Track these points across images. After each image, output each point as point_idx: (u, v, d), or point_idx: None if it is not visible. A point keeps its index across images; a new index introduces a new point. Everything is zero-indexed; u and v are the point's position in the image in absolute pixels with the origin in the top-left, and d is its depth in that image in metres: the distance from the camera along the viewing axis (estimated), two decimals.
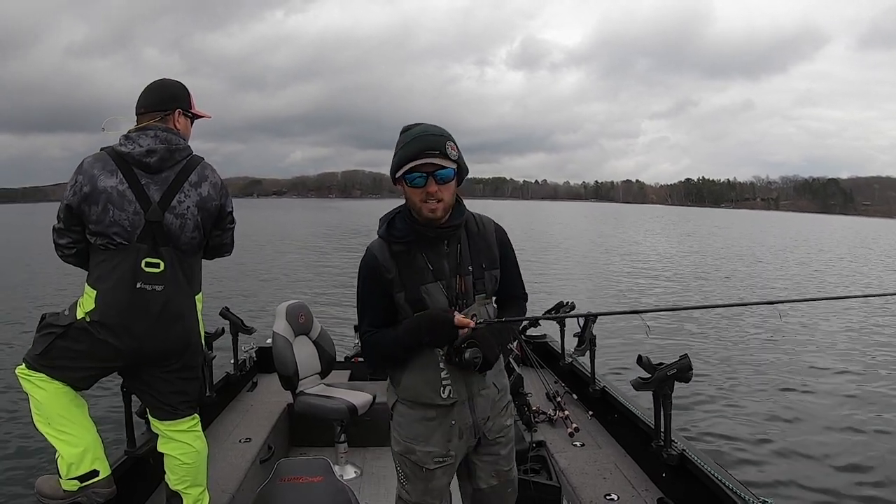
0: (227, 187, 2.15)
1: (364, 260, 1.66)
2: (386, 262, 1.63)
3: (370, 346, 1.68)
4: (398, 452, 1.75)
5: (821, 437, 5.40)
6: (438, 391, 1.67)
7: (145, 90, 2.07)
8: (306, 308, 3.40)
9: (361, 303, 1.68)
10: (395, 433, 1.75)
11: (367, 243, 1.70)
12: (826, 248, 31.16)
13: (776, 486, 4.47)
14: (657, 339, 8.90)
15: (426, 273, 1.64)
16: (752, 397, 6.48)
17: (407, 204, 1.63)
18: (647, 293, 13.38)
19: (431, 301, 1.63)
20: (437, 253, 1.65)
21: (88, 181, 1.91)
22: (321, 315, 8.14)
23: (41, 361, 1.95)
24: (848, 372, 7.57)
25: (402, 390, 1.71)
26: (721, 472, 2.15)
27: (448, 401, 1.68)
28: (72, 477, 1.95)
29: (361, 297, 1.67)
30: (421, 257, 1.64)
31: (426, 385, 1.67)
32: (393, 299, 1.63)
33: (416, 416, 1.70)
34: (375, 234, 1.68)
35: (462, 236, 1.69)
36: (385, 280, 1.63)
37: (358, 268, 1.67)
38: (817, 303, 12.76)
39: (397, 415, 1.74)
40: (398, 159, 1.56)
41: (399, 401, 1.73)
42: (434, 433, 1.69)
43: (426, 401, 1.68)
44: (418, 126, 1.58)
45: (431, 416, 1.69)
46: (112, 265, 1.92)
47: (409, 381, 1.69)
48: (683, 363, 2.26)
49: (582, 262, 19.95)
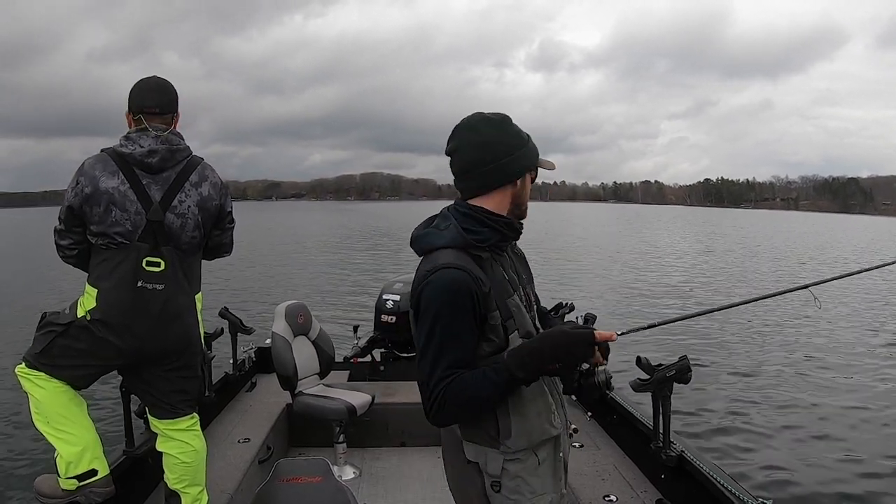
0: (227, 187, 2.15)
1: (448, 275, 1.27)
2: (479, 274, 1.31)
3: (453, 395, 1.25)
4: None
5: (820, 438, 5.41)
6: (551, 420, 1.40)
7: (148, 91, 2.02)
8: (305, 308, 3.40)
9: (443, 336, 1.26)
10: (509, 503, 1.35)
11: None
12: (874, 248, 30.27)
13: (776, 486, 4.48)
14: (657, 340, 8.90)
15: (506, 285, 1.38)
16: (751, 398, 6.49)
17: (519, 201, 1.39)
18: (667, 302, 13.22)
19: (519, 318, 1.38)
20: (504, 261, 1.43)
21: (90, 182, 1.91)
22: (321, 316, 8.15)
23: (41, 360, 1.96)
24: (848, 372, 7.58)
25: (514, 441, 1.34)
26: (720, 474, 2.14)
27: (559, 428, 1.42)
28: (70, 476, 1.95)
29: (445, 328, 1.26)
30: (498, 267, 1.39)
31: (539, 418, 1.37)
32: (484, 325, 1.31)
33: (531, 467, 1.37)
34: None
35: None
36: (481, 297, 1.29)
37: (434, 290, 1.28)
38: (818, 304, 12.73)
39: (509, 479, 1.34)
40: (533, 153, 1.39)
41: (507, 461, 1.34)
42: (547, 477, 1.39)
43: (543, 437, 1.38)
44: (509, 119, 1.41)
45: (544, 458, 1.39)
46: (113, 264, 1.92)
47: (520, 425, 1.34)
48: (682, 364, 2.26)
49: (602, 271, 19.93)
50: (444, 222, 1.38)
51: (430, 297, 1.28)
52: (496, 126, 1.37)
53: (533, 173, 1.42)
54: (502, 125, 1.37)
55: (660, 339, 9.09)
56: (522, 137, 1.39)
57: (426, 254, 1.37)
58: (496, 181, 1.36)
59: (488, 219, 1.36)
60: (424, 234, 1.39)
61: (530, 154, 1.39)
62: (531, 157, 1.39)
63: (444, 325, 1.27)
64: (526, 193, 1.41)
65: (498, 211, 1.38)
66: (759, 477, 4.64)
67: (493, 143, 1.35)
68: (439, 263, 1.30)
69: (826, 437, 5.43)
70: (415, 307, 1.33)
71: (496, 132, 1.36)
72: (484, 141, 1.35)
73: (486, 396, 1.27)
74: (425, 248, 1.37)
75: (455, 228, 1.34)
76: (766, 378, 7.27)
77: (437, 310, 1.27)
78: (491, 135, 1.35)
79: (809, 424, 5.75)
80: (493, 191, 1.37)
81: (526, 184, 1.41)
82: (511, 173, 1.37)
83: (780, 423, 5.79)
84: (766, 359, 8.18)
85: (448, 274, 1.28)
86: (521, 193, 1.40)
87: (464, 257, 1.32)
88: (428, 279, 1.29)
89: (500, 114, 1.39)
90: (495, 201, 1.38)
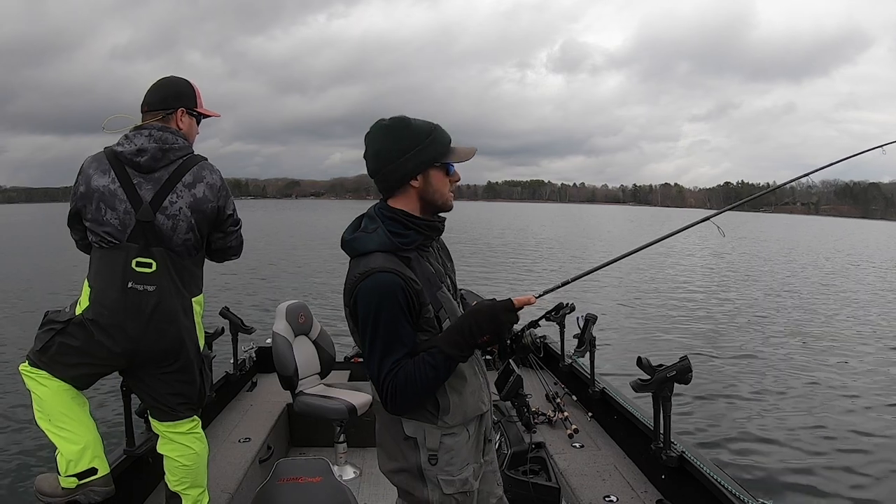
0: (227, 189, 2.10)
1: (380, 279, 1.36)
2: (409, 275, 1.40)
3: (401, 385, 1.36)
4: (451, 494, 1.47)
5: (821, 439, 5.41)
6: (482, 398, 1.53)
7: (151, 88, 2.05)
8: (306, 308, 3.40)
9: (385, 335, 1.37)
10: (445, 475, 1.46)
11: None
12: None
13: (776, 487, 4.48)
14: (657, 340, 8.91)
15: (434, 279, 1.48)
16: (751, 399, 6.48)
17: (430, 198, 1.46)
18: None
19: (449, 307, 1.48)
20: (430, 254, 1.52)
21: (84, 181, 1.92)
22: (324, 312, 8.15)
23: (41, 358, 1.96)
24: (849, 372, 7.58)
25: (451, 417, 1.46)
26: (720, 474, 2.14)
27: (487, 405, 1.55)
28: (70, 474, 1.95)
29: (388, 328, 1.36)
30: (426, 263, 1.48)
31: (473, 396, 1.50)
32: (419, 318, 1.41)
33: (463, 440, 1.49)
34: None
35: None
36: (413, 295, 1.38)
37: (368, 293, 1.37)
38: (819, 305, 12.75)
39: (445, 451, 1.47)
40: (440, 148, 1.45)
41: (444, 435, 1.47)
42: (473, 449, 1.53)
43: (475, 413, 1.51)
44: (412, 119, 1.47)
45: (472, 432, 1.52)
46: (104, 264, 1.92)
47: (457, 402, 1.47)
48: (683, 365, 2.26)
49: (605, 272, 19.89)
50: (371, 224, 1.46)
51: (366, 300, 1.37)
52: (386, 133, 1.45)
53: (434, 170, 1.46)
54: (392, 131, 1.44)
55: (660, 338, 9.10)
56: (414, 139, 1.43)
57: (357, 256, 1.43)
58: (393, 184, 1.46)
59: (410, 222, 1.44)
60: (354, 237, 1.46)
61: (422, 154, 1.43)
62: (422, 157, 1.43)
63: (384, 326, 1.36)
64: (435, 190, 1.46)
65: (413, 211, 1.46)
66: (760, 477, 4.63)
67: (382, 150, 1.44)
68: (371, 267, 1.38)
69: (827, 438, 5.43)
70: (352, 309, 1.42)
71: (386, 139, 1.44)
72: (376, 149, 1.45)
73: (429, 380, 1.37)
74: (357, 251, 1.44)
75: (383, 232, 1.42)
76: (766, 378, 7.27)
77: (376, 312, 1.36)
78: (382, 142, 1.44)
79: (810, 425, 5.75)
80: (397, 193, 1.47)
81: (430, 181, 1.46)
82: (402, 175, 1.44)
83: (781, 423, 5.78)
84: (766, 359, 8.17)
85: (380, 278, 1.36)
86: (426, 191, 1.46)
87: (393, 259, 1.40)
88: (361, 283, 1.38)
89: (397, 117, 1.47)
90: (405, 202, 1.46)
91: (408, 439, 1.48)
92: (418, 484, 1.48)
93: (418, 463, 1.47)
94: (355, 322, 1.43)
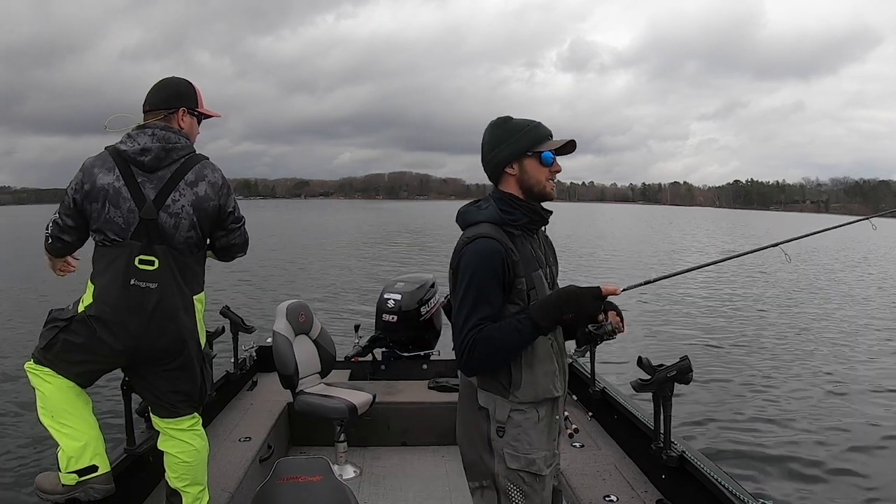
0: (228, 187, 2.11)
1: (485, 243, 1.52)
2: (510, 245, 1.54)
3: (482, 342, 1.47)
4: (515, 469, 1.55)
5: (821, 439, 5.41)
6: (555, 382, 1.61)
7: (152, 88, 2.07)
8: (307, 307, 3.40)
9: (477, 292, 1.49)
10: (510, 449, 1.55)
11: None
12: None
13: (776, 487, 4.48)
14: (657, 340, 8.90)
15: (533, 261, 1.61)
16: (752, 399, 6.48)
17: (526, 184, 1.61)
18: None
19: (541, 290, 1.59)
20: (534, 241, 1.66)
21: (88, 179, 1.92)
22: (322, 315, 8.15)
23: (45, 355, 1.97)
24: (849, 372, 7.57)
25: (522, 393, 1.55)
26: (720, 474, 2.14)
27: (560, 392, 1.62)
28: (71, 470, 1.95)
29: (478, 286, 1.49)
30: (528, 245, 1.62)
31: (545, 377, 1.59)
32: (511, 289, 1.54)
33: (531, 421, 1.57)
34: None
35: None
36: (511, 264, 1.52)
37: (470, 255, 1.52)
38: (821, 303, 12.74)
39: (513, 426, 1.56)
40: (532, 139, 1.60)
41: (514, 410, 1.56)
42: (543, 434, 1.60)
43: (546, 395, 1.59)
44: (516, 118, 1.65)
45: (542, 416, 1.59)
46: (107, 261, 1.93)
47: (529, 379, 1.56)
48: (683, 365, 2.26)
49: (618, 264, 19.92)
50: (484, 203, 1.65)
51: (468, 260, 1.53)
52: (489, 128, 1.65)
53: (528, 159, 1.61)
54: (493, 127, 1.65)
55: (660, 337, 9.09)
56: (510, 132, 1.62)
57: (468, 226, 1.62)
58: (493, 171, 1.65)
59: (515, 203, 1.61)
60: (467, 211, 1.66)
61: (514, 145, 1.61)
62: (514, 147, 1.61)
63: (478, 285, 1.50)
64: (531, 177, 1.61)
65: (517, 195, 1.62)
66: (760, 477, 4.63)
67: (484, 143, 1.66)
68: (477, 233, 1.56)
69: (828, 438, 5.42)
70: (454, 268, 1.58)
71: (488, 133, 1.65)
72: (483, 142, 1.66)
73: (509, 342, 1.49)
74: (468, 221, 1.63)
75: (493, 208, 1.61)
76: (767, 378, 7.26)
77: (473, 271, 1.51)
78: (485, 136, 1.66)
79: (811, 425, 5.75)
80: (500, 179, 1.65)
81: (525, 169, 1.62)
82: (498, 163, 1.63)
83: (782, 423, 5.78)
84: (767, 358, 8.17)
85: (484, 243, 1.53)
86: (522, 178, 1.62)
87: (499, 231, 1.57)
88: (467, 245, 1.55)
89: (501, 117, 1.67)
90: (508, 187, 1.63)
91: (481, 409, 1.59)
92: (486, 454, 1.58)
93: (488, 433, 1.58)
94: (455, 281, 1.57)
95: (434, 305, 4.17)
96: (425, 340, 4.20)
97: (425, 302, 4.12)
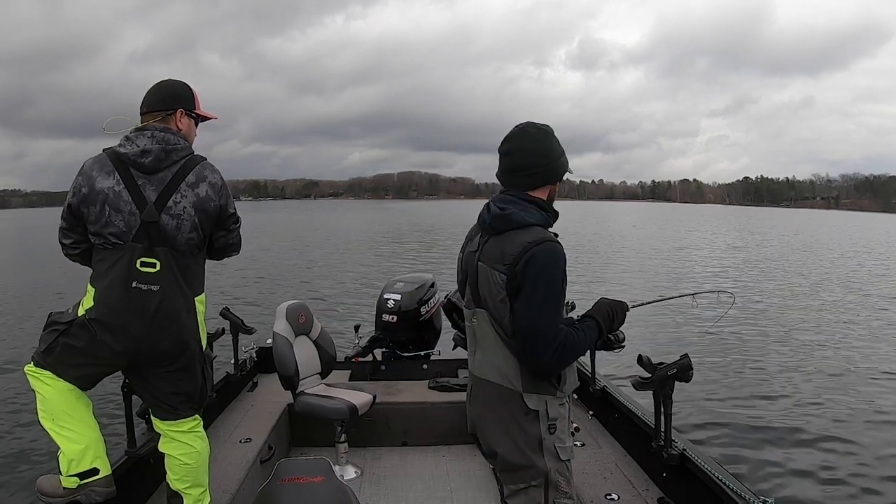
0: (227, 188, 2.12)
1: (558, 250, 1.59)
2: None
3: (571, 344, 1.58)
4: (564, 461, 1.66)
5: (823, 437, 5.41)
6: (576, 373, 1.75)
7: (149, 90, 2.07)
8: (307, 308, 3.40)
9: (556, 295, 1.58)
10: (560, 443, 1.64)
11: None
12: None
13: (777, 485, 4.48)
14: (658, 338, 8.90)
15: None
16: (752, 397, 6.49)
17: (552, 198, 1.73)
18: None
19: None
20: None
21: (87, 182, 1.92)
22: (322, 315, 8.14)
23: (46, 359, 1.96)
24: (850, 372, 7.57)
25: (567, 387, 1.68)
26: (721, 472, 2.14)
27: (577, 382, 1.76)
28: (72, 474, 1.95)
29: (560, 289, 1.59)
30: None
31: (572, 371, 1.71)
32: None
33: (566, 411, 1.70)
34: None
35: None
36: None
37: (548, 256, 1.57)
38: (820, 307, 12.74)
39: (561, 421, 1.66)
40: (566, 160, 1.73)
41: (560, 405, 1.67)
42: (568, 421, 1.73)
43: (574, 386, 1.73)
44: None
45: (569, 404, 1.73)
46: (108, 264, 1.93)
47: (571, 375, 1.70)
48: (684, 363, 2.26)
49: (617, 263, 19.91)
50: (523, 205, 1.66)
51: (543, 263, 1.56)
52: (548, 136, 1.70)
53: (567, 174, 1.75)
54: (551, 137, 1.70)
55: (661, 336, 9.09)
56: (562, 147, 1.71)
57: (517, 228, 1.62)
58: (545, 180, 1.70)
59: (545, 208, 1.69)
60: (511, 212, 1.64)
61: (566, 161, 1.73)
62: (567, 164, 1.73)
63: (558, 288, 1.57)
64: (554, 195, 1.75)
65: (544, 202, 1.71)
66: (761, 476, 4.63)
67: (546, 150, 1.68)
68: (546, 236, 1.60)
69: (828, 436, 5.42)
70: (517, 271, 1.57)
71: (548, 141, 1.69)
72: (539, 148, 1.68)
73: (586, 345, 1.64)
74: (517, 223, 1.62)
75: (538, 212, 1.66)
76: (768, 376, 7.27)
77: (552, 274, 1.56)
78: (544, 143, 1.69)
79: (811, 423, 5.75)
80: (540, 187, 1.70)
81: (556, 187, 1.75)
82: (557, 175, 1.71)
83: (782, 421, 5.78)
84: (767, 357, 8.17)
85: (555, 246, 1.59)
86: (554, 191, 1.74)
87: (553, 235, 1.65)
88: (535, 247, 1.57)
89: (547, 125, 1.71)
90: (541, 193, 1.70)
91: (528, 413, 1.62)
92: (535, 455, 1.63)
93: (539, 434, 1.62)
94: (515, 285, 1.57)
95: (434, 305, 4.17)
96: (425, 340, 4.20)
97: (425, 302, 4.12)
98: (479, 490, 3.00)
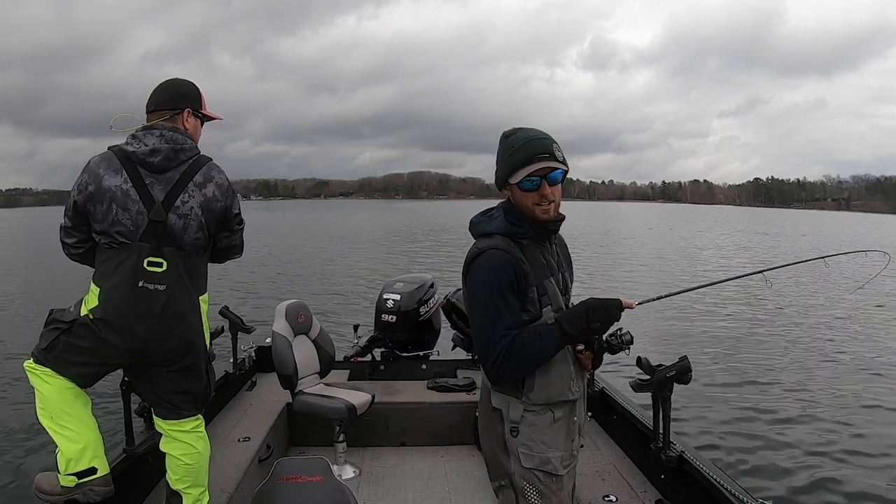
0: (233, 188, 2.12)
1: (495, 255, 1.56)
2: (520, 255, 1.58)
3: (517, 351, 1.52)
4: (531, 468, 1.60)
5: (822, 438, 5.40)
6: (570, 386, 1.64)
7: (156, 89, 2.07)
8: (306, 307, 3.40)
9: (498, 303, 1.54)
10: (525, 449, 1.60)
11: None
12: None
13: (776, 487, 4.48)
14: (657, 340, 8.90)
15: (545, 269, 1.64)
16: (751, 399, 6.48)
17: (518, 208, 1.62)
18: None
19: (553, 296, 1.63)
20: (546, 249, 1.68)
21: (94, 180, 1.91)
22: (321, 315, 8.13)
23: (46, 356, 1.96)
24: (850, 371, 7.57)
25: (535, 395, 1.60)
26: (720, 474, 2.15)
27: (576, 395, 1.66)
28: (70, 473, 1.95)
29: (498, 297, 1.54)
30: (538, 253, 1.64)
31: (560, 380, 1.62)
32: (523, 298, 1.57)
33: (546, 421, 1.62)
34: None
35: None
36: (523, 273, 1.56)
37: (483, 268, 1.56)
38: (821, 306, 12.75)
39: (526, 426, 1.61)
40: (510, 165, 1.57)
41: (527, 411, 1.61)
42: (560, 435, 1.64)
43: (560, 398, 1.62)
44: (520, 131, 1.61)
45: (559, 417, 1.63)
46: (115, 264, 1.92)
47: (542, 382, 1.60)
48: (683, 365, 2.26)
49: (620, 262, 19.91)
50: (496, 212, 1.67)
51: (480, 273, 1.57)
52: (501, 141, 1.63)
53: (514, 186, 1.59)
54: (503, 141, 1.62)
55: (660, 337, 9.09)
56: (503, 150, 1.61)
57: (479, 237, 1.65)
58: (499, 186, 1.65)
59: (523, 216, 1.62)
60: (478, 221, 1.68)
61: (502, 168, 1.60)
62: (503, 170, 1.60)
63: (495, 296, 1.54)
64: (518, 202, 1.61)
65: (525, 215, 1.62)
66: (759, 477, 4.63)
67: (498, 155, 1.64)
68: (487, 245, 1.59)
69: (827, 438, 5.42)
70: (468, 280, 1.62)
71: (500, 146, 1.63)
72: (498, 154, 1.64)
73: (540, 350, 1.54)
74: (479, 232, 1.66)
75: (502, 219, 1.63)
76: (766, 378, 7.26)
77: (487, 283, 1.55)
78: (499, 149, 1.64)
79: (810, 425, 5.75)
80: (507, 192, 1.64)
81: (514, 193, 1.61)
82: (499, 180, 1.64)
83: (781, 423, 5.78)
84: (766, 358, 8.17)
85: (494, 254, 1.56)
86: (515, 201, 1.62)
87: (508, 242, 1.59)
88: (476, 257, 1.59)
89: (507, 130, 1.65)
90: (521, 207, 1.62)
91: (495, 410, 1.64)
92: (502, 454, 1.64)
93: (502, 433, 1.63)
94: (467, 294, 1.63)
95: (433, 305, 4.17)
96: (424, 340, 4.20)
97: (424, 302, 4.12)
98: (478, 490, 3.00)
